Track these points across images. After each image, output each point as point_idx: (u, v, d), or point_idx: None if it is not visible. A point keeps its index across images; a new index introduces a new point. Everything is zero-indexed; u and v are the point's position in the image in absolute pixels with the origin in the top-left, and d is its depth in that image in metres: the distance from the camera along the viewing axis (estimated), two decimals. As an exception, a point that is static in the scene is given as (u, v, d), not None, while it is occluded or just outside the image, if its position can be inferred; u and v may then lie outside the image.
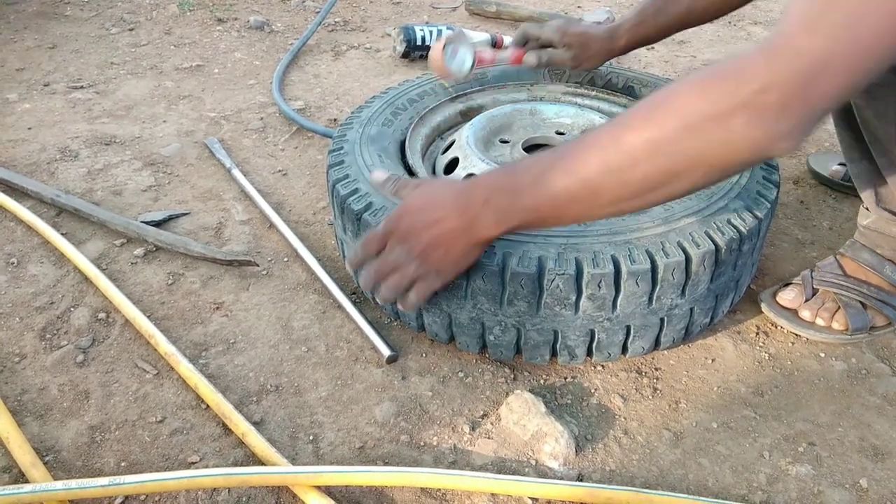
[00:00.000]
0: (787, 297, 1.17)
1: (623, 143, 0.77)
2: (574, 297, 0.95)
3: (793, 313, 1.16)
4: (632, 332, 1.01)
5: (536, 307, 0.97)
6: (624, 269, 0.93)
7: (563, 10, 2.68)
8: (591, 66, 1.38)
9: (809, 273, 1.20)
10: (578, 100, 1.45)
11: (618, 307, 0.97)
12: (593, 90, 1.46)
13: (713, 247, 0.97)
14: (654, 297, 0.97)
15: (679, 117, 0.74)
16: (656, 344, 1.06)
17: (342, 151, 1.18)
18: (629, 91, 1.44)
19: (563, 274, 0.93)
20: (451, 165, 1.22)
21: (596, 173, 0.79)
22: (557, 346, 1.02)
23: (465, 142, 1.22)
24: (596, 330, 1.00)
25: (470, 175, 1.14)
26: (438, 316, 1.04)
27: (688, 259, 0.95)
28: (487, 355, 1.10)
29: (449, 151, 1.25)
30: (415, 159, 1.23)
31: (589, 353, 1.04)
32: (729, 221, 1.01)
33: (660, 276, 0.95)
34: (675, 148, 0.74)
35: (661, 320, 1.02)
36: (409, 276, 0.94)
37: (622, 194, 0.80)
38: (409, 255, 0.93)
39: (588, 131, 0.89)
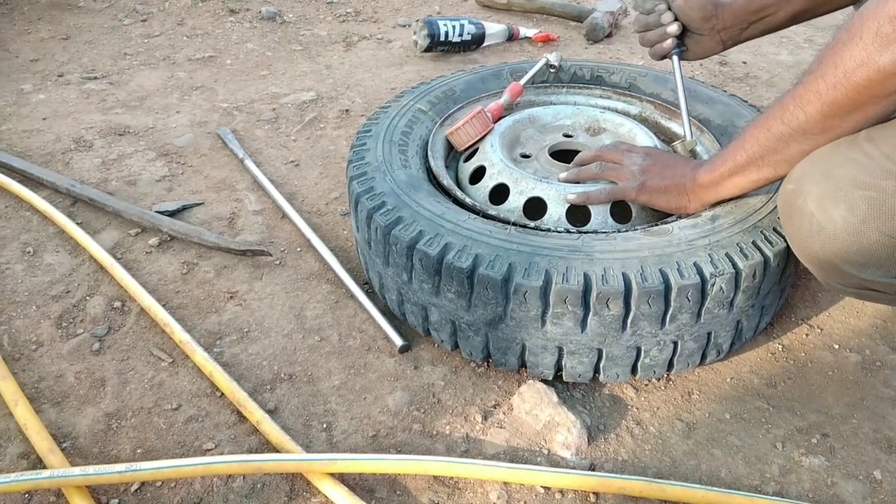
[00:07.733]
0: None
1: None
2: (732, 296, 0.96)
3: None
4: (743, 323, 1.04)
5: (698, 315, 0.96)
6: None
7: (576, -1, 2.66)
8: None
9: None
10: (553, 98, 1.44)
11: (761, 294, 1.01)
12: (563, 87, 1.44)
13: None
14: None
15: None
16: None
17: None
18: (599, 80, 1.45)
19: (722, 275, 0.93)
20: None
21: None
22: (708, 347, 1.02)
23: (504, 167, 1.17)
24: (742, 320, 1.02)
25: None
26: (587, 355, 0.99)
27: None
28: (637, 378, 1.06)
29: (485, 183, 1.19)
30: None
31: (732, 346, 1.05)
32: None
33: None
34: None
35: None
36: (620, 171, 1.08)
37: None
38: (633, 161, 1.09)
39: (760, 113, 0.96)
